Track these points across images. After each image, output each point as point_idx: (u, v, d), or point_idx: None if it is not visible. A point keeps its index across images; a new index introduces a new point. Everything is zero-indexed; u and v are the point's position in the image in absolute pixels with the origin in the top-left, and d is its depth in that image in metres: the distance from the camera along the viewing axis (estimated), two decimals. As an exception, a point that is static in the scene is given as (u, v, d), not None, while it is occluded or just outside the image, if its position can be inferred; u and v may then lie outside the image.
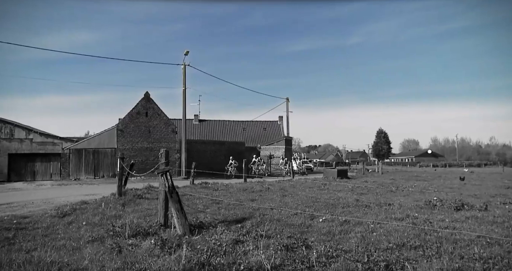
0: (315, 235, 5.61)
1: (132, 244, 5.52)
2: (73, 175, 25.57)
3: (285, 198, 10.45)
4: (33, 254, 4.94)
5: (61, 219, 8.12)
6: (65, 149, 25.90)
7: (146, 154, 26.11)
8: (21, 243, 5.86)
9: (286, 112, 41.42)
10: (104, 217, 7.88)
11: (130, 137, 26.18)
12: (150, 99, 26.91)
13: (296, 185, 15.13)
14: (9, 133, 28.31)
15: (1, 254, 4.94)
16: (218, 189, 13.31)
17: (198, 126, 43.80)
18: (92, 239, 5.92)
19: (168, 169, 6.49)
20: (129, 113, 26.40)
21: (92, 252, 5.13)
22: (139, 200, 10.35)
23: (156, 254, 4.93)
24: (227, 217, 7.31)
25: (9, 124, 28.82)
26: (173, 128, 27.50)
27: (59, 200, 11.95)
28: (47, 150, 26.23)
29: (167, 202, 6.60)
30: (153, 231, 6.20)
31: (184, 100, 25.92)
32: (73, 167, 25.74)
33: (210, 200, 9.80)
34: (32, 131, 28.80)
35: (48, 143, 26.95)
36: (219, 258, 4.57)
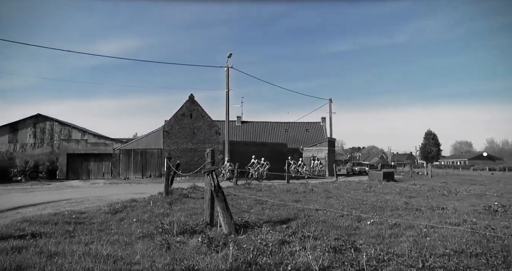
0: (363, 238, 5.43)
1: (180, 241, 5.66)
2: (122, 174, 26.86)
3: (329, 199, 10.24)
4: (91, 247, 5.21)
5: (113, 216, 8.54)
6: (115, 150, 27.28)
7: (190, 154, 26.81)
8: (80, 236, 6.22)
9: (329, 113, 40.68)
10: (153, 215, 8.17)
11: (176, 138, 27.02)
12: (194, 101, 27.63)
13: (340, 187, 14.80)
14: (67, 135, 30.44)
15: (64, 244, 5.26)
16: (261, 189, 13.34)
17: (241, 127, 44.27)
18: (142, 235, 6.14)
19: (214, 168, 6.59)
20: (175, 115, 27.28)
21: (143, 248, 5.32)
22: (185, 199, 10.64)
23: (203, 252, 5.01)
24: (271, 218, 7.29)
25: (67, 126, 30.99)
26: (217, 130, 28.02)
27: (111, 197, 12.58)
28: (100, 151, 27.81)
29: (213, 201, 6.70)
30: (200, 229, 6.32)
31: (227, 102, 26.33)
32: (123, 166, 27.04)
33: (254, 201, 9.83)
34: (86, 133, 30.75)
35: (101, 144, 28.56)
36: (265, 258, 4.55)
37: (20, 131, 30.00)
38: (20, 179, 24.47)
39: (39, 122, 30.55)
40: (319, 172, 28.66)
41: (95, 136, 30.22)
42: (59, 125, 30.91)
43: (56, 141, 30.29)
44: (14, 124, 30.04)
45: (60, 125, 30.94)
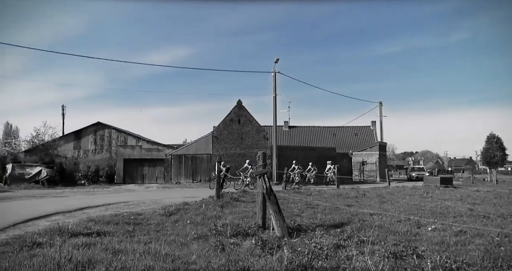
0: (425, 244, 5.12)
1: (234, 243, 5.72)
2: (174, 179, 27.87)
3: (384, 204, 9.84)
4: (150, 246, 5.43)
5: (168, 218, 8.86)
6: (167, 155, 28.41)
7: (238, 159, 27.13)
8: (139, 236, 6.52)
9: (380, 117, 39.30)
10: (205, 217, 8.36)
11: (224, 143, 27.57)
12: (242, 106, 28.05)
13: (394, 192, 14.17)
14: (123, 141, 32.25)
15: (126, 243, 5.54)
16: (311, 194, 13.15)
17: (288, 132, 44.17)
18: (197, 236, 6.30)
19: (266, 171, 6.60)
20: (223, 120, 27.86)
21: (198, 248, 5.45)
22: (236, 202, 10.78)
23: (257, 254, 5.02)
24: (324, 222, 7.14)
25: (123, 133, 32.85)
26: (264, 135, 28.18)
27: (165, 201, 13.08)
28: (153, 156, 29.11)
29: (264, 204, 6.71)
30: (252, 232, 6.35)
31: (275, 107, 26.40)
32: (174, 171, 28.07)
33: (304, 205, 9.71)
34: (141, 139, 32.36)
35: (154, 149, 29.92)
36: (321, 261, 4.45)
37: (83, 139, 32.28)
38: (84, 182, 26.29)
39: (99, 129, 32.68)
40: (331, 180, 23.02)
41: (148, 142, 31.71)
42: (116, 132, 32.83)
43: (113, 147, 32.18)
44: (77, 132, 32.41)
45: (117, 132, 32.86)
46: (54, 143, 29.40)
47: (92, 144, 32.54)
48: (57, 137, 30.65)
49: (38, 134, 29.23)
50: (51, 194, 17.35)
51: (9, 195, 16.55)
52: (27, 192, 18.73)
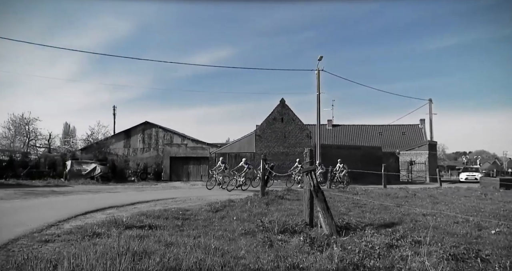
0: (488, 248, 4.78)
1: (281, 239, 5.71)
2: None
3: (437, 205, 9.34)
4: (200, 240, 5.57)
5: (214, 214, 9.04)
6: (211, 153, 29.01)
7: (282, 158, 27.09)
8: (188, 230, 6.70)
9: (429, 115, 37.43)
10: (251, 214, 8.43)
11: (267, 142, 27.63)
12: (285, 105, 27.95)
13: (447, 193, 13.42)
14: (169, 140, 33.41)
15: (176, 236, 5.72)
16: (357, 193, 12.81)
17: (332, 131, 43.36)
18: (244, 232, 6.36)
19: (314, 168, 6.51)
20: (266, 119, 27.94)
21: (246, 244, 5.49)
22: (281, 200, 10.77)
23: (306, 251, 4.96)
24: (373, 221, 6.92)
25: (169, 132, 34.03)
26: (308, 133, 27.88)
27: (210, 198, 13.36)
28: (198, 154, 29.86)
29: (312, 201, 6.63)
30: (299, 229, 6.30)
31: (318, 105, 26.03)
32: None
33: (351, 203, 9.48)
34: (186, 138, 33.34)
35: (198, 148, 30.68)
36: (373, 260, 4.31)
37: (132, 137, 33.87)
38: (133, 179, 27.60)
39: (147, 128, 34.09)
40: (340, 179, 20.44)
41: (193, 141, 32.57)
42: (163, 131, 34.07)
43: (160, 145, 33.43)
44: (127, 131, 34.07)
45: (164, 131, 34.09)
46: (107, 142, 31.14)
47: (141, 142, 34.02)
48: (109, 136, 32.44)
49: (93, 133, 31.12)
50: (104, 189, 18.39)
51: (69, 189, 17.78)
52: (84, 187, 20.00)
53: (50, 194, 14.81)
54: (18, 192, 14.99)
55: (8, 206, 10.67)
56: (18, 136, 35.34)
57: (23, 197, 13.44)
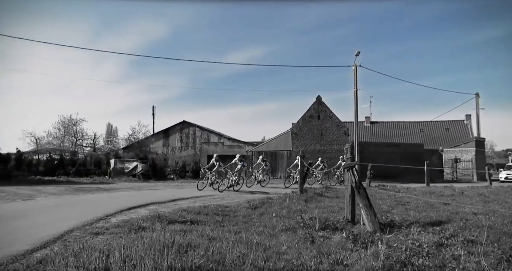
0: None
1: (323, 236, 5.64)
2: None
3: (489, 204, 8.80)
4: (241, 235, 5.62)
5: (253, 210, 9.09)
6: (248, 152, 29.18)
7: (318, 156, 26.66)
8: (228, 226, 6.79)
9: (476, 110, 35.45)
10: (290, 211, 8.41)
11: (304, 139, 27.37)
12: (321, 102, 27.56)
13: (498, 192, 12.63)
14: (206, 138, 34.03)
15: (218, 231, 5.81)
16: (399, 191, 12.37)
17: (370, 128, 42.21)
18: (285, 228, 6.34)
19: (355, 163, 6.36)
20: (302, 116, 27.69)
21: (287, 240, 5.48)
22: (320, 197, 10.64)
23: (349, 248, 4.86)
24: (418, 219, 6.65)
25: (206, 131, 34.65)
26: (345, 131, 27.33)
27: (247, 195, 13.47)
28: (234, 152, 30.11)
29: (353, 198, 6.49)
30: (341, 226, 6.19)
31: (356, 101, 25.41)
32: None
33: (394, 201, 9.17)
34: (222, 136, 33.80)
35: (235, 146, 31.01)
36: (421, 259, 4.13)
37: (170, 136, 34.82)
38: (173, 177, 28.38)
39: (184, 128, 34.90)
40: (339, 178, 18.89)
41: (229, 140, 32.95)
42: (200, 130, 34.73)
43: (197, 144, 34.12)
44: (166, 130, 35.07)
45: (201, 130, 34.75)
46: (147, 141, 32.26)
47: (179, 141, 34.88)
48: (149, 135, 33.58)
49: (134, 133, 32.35)
50: (146, 186, 19.06)
51: (113, 186, 18.61)
52: (126, 184, 20.86)
53: (96, 190, 15.59)
54: (69, 189, 15.90)
55: (61, 201, 11.37)
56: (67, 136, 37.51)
57: (73, 193, 14.24)
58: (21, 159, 26.69)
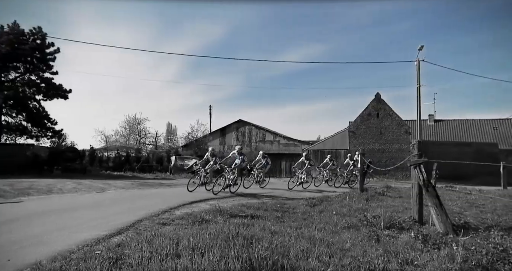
0: None
1: (388, 235, 5.39)
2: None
3: None
4: (302, 231, 5.58)
5: (312, 208, 9.00)
6: (304, 150, 28.91)
7: (377, 155, 25.71)
8: (288, 222, 6.78)
9: (560, 105, 31.60)
10: (351, 209, 8.19)
11: (362, 138, 26.50)
12: (381, 100, 26.47)
13: None
14: (262, 137, 34.33)
15: (280, 227, 5.83)
16: (470, 192, 11.46)
17: (434, 126, 39.57)
18: (347, 226, 6.18)
19: (422, 161, 6.00)
20: (360, 115, 26.81)
21: (351, 237, 5.32)
22: (381, 197, 10.24)
23: (419, 248, 4.60)
24: (498, 223, 6.09)
25: (262, 130, 34.96)
26: (406, 129, 25.99)
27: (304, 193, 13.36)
28: (290, 151, 30.08)
29: (421, 196, 6.13)
30: (407, 226, 5.89)
31: (419, 98, 24.02)
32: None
33: (465, 203, 8.51)
34: (278, 135, 33.87)
35: (291, 144, 30.91)
36: (507, 265, 3.78)
37: (227, 135, 35.65)
38: (229, 174, 29.09)
39: (240, 126, 35.51)
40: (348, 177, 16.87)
41: (284, 138, 32.91)
42: (255, 129, 35.11)
43: (253, 143, 34.52)
44: (222, 129, 35.97)
45: (256, 128, 35.12)
46: (205, 139, 33.36)
47: (235, 139, 35.57)
48: (207, 134, 34.68)
49: (193, 131, 33.63)
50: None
51: (174, 182, 19.51)
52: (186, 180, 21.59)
53: (159, 185, 16.45)
54: (134, 183, 16.97)
55: (128, 194, 12.19)
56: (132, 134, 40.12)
57: (139, 187, 15.18)
58: (94, 155, 29.02)
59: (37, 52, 25.81)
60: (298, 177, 15.20)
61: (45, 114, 27.87)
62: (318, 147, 28.68)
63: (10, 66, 25.29)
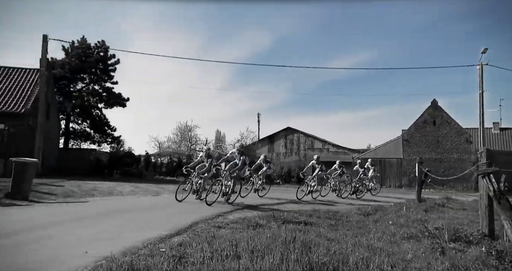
0: None
1: (454, 248, 5.07)
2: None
3: None
4: (360, 239, 5.43)
5: (365, 217, 8.76)
6: (354, 158, 28.14)
7: (434, 165, 24.27)
8: (342, 230, 6.65)
9: None
10: (409, 220, 7.87)
11: (416, 147, 25.25)
12: (438, 106, 25.10)
13: None
14: (310, 145, 34.00)
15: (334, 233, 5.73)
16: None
17: (499, 135, 36.60)
18: (407, 236, 5.93)
19: (492, 170, 5.59)
20: (415, 122, 25.61)
21: (412, 248, 5.09)
22: (442, 208, 9.71)
23: (493, 265, 4.28)
24: None
25: (310, 137, 34.64)
26: (467, 138, 24.36)
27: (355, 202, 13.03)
28: (340, 159, 29.34)
29: (491, 208, 5.70)
30: (475, 240, 5.49)
31: (481, 105, 22.39)
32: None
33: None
34: (326, 143, 33.35)
35: (340, 152, 30.25)
36: None
37: (275, 142, 35.75)
38: (279, 182, 29.03)
39: (288, 134, 35.45)
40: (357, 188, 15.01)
41: (333, 146, 32.30)
42: (304, 136, 34.86)
43: (301, 150, 34.28)
44: (270, 136, 36.14)
45: (305, 136, 34.86)
46: (254, 146, 33.71)
47: (283, 147, 35.56)
48: (256, 141, 35.04)
49: (242, 138, 34.18)
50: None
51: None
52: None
53: (211, 191, 16.83)
54: (187, 188, 17.53)
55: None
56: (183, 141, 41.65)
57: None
58: (148, 161, 30.49)
59: (100, 64, 27.89)
60: (308, 185, 13.08)
61: (106, 121, 29.94)
62: (369, 155, 27.74)
63: (78, 77, 27.52)
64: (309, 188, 12.99)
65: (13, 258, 3.76)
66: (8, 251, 4.03)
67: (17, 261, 3.68)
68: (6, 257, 3.78)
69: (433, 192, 18.46)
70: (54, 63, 24.87)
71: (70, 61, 25.97)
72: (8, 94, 19.54)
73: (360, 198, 14.29)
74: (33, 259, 3.74)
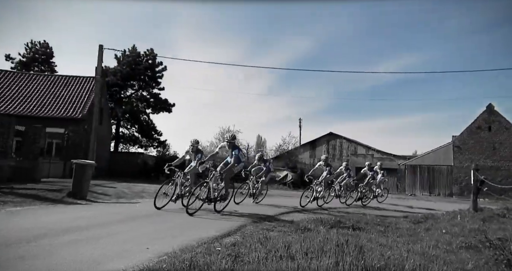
0: None
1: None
2: (408, 190, 26.28)
3: None
4: (413, 247, 5.26)
5: (416, 225, 8.46)
6: (400, 165, 27.16)
7: (490, 173, 22.70)
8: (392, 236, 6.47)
9: None
10: (464, 229, 7.53)
11: (469, 154, 23.88)
12: (494, 111, 23.62)
13: None
14: (353, 150, 33.26)
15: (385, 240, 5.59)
16: None
17: None
18: (465, 246, 5.67)
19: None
20: (468, 128, 24.26)
21: (471, 258, 4.86)
22: (502, 218, 9.11)
23: None
24: None
25: (353, 143, 33.90)
26: (527, 144, 22.67)
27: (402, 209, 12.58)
28: (385, 165, 28.42)
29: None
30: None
31: (543, 108, 20.81)
32: (408, 182, 26.47)
33: None
34: (370, 149, 32.45)
35: (385, 159, 29.26)
36: None
37: (317, 148, 35.35)
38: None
39: (331, 139, 34.92)
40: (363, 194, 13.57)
41: (378, 152, 31.36)
42: (347, 142, 34.17)
43: (344, 156, 33.59)
44: (312, 142, 35.79)
45: (348, 142, 34.16)
46: (296, 151, 33.56)
47: (325, 152, 35.05)
48: (298, 146, 34.86)
49: (284, 143, 34.18)
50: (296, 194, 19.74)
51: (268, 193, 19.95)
52: (278, 191, 22.04)
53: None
54: (230, 191, 17.82)
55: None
56: (225, 146, 42.38)
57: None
58: (192, 164, 31.43)
59: (149, 71, 29.31)
60: (313, 190, 11.45)
61: (153, 126, 31.27)
62: (416, 162, 26.65)
63: (128, 84, 29.09)
64: (314, 194, 11.39)
65: (91, 251, 4.07)
66: (83, 244, 4.37)
67: (94, 254, 3.97)
68: (85, 250, 4.10)
69: (489, 202, 17.35)
70: (107, 71, 26.50)
71: (121, 69, 27.56)
72: (67, 101, 21.09)
73: (366, 205, 13.17)
74: (104, 252, 4.04)
